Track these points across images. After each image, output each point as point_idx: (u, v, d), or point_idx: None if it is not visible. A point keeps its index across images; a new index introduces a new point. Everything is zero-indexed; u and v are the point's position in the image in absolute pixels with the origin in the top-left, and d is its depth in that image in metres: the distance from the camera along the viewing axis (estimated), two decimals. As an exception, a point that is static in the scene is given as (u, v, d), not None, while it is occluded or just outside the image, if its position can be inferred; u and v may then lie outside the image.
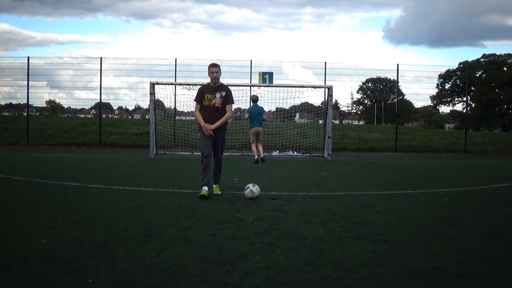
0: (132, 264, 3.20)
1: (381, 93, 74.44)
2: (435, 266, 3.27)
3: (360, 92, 72.04)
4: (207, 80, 6.45)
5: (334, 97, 16.82)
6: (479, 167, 12.40)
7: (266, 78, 14.13)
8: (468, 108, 24.76)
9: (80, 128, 20.86)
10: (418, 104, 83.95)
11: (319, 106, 16.77)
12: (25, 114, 20.59)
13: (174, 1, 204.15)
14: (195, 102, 6.46)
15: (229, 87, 6.58)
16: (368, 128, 26.74)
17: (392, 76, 26.96)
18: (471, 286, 2.91)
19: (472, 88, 42.45)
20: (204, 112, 6.30)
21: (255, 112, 12.38)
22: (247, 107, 17.57)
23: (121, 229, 4.21)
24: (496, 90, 46.43)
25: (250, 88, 16.02)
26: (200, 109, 6.34)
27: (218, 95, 6.24)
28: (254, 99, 12.71)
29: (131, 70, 19.63)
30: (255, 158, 12.07)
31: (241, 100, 16.36)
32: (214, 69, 6.28)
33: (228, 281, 2.89)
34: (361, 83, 67.02)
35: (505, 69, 47.27)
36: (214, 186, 6.40)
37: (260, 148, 12.37)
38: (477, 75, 47.65)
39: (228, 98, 6.34)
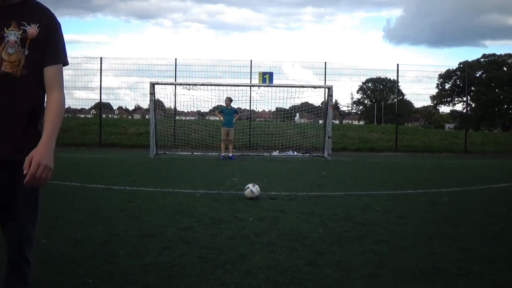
0: (132, 264, 3.20)
1: (381, 93, 74.38)
2: (435, 266, 3.27)
3: (360, 92, 72.06)
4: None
5: (334, 97, 16.83)
6: (479, 167, 12.39)
7: (266, 78, 14.13)
8: (468, 108, 24.76)
9: (80, 128, 20.81)
10: (418, 104, 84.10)
11: (319, 106, 16.77)
12: (25, 114, 20.50)
13: (174, 1, 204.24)
14: None
15: (54, 16, 1.93)
16: (368, 128, 26.70)
17: (392, 76, 26.89)
18: (471, 286, 2.91)
19: (472, 88, 42.41)
20: None
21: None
22: (247, 107, 17.65)
23: (121, 229, 4.21)
24: (496, 90, 46.41)
25: (250, 88, 16.03)
26: None
27: (13, 33, 1.82)
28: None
29: (131, 70, 19.64)
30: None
31: (241, 100, 16.43)
32: None
33: (228, 281, 2.89)
34: (361, 83, 67.09)
35: (505, 69, 47.27)
36: None
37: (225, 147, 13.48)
38: (477, 75, 47.64)
39: (50, 45, 1.89)
